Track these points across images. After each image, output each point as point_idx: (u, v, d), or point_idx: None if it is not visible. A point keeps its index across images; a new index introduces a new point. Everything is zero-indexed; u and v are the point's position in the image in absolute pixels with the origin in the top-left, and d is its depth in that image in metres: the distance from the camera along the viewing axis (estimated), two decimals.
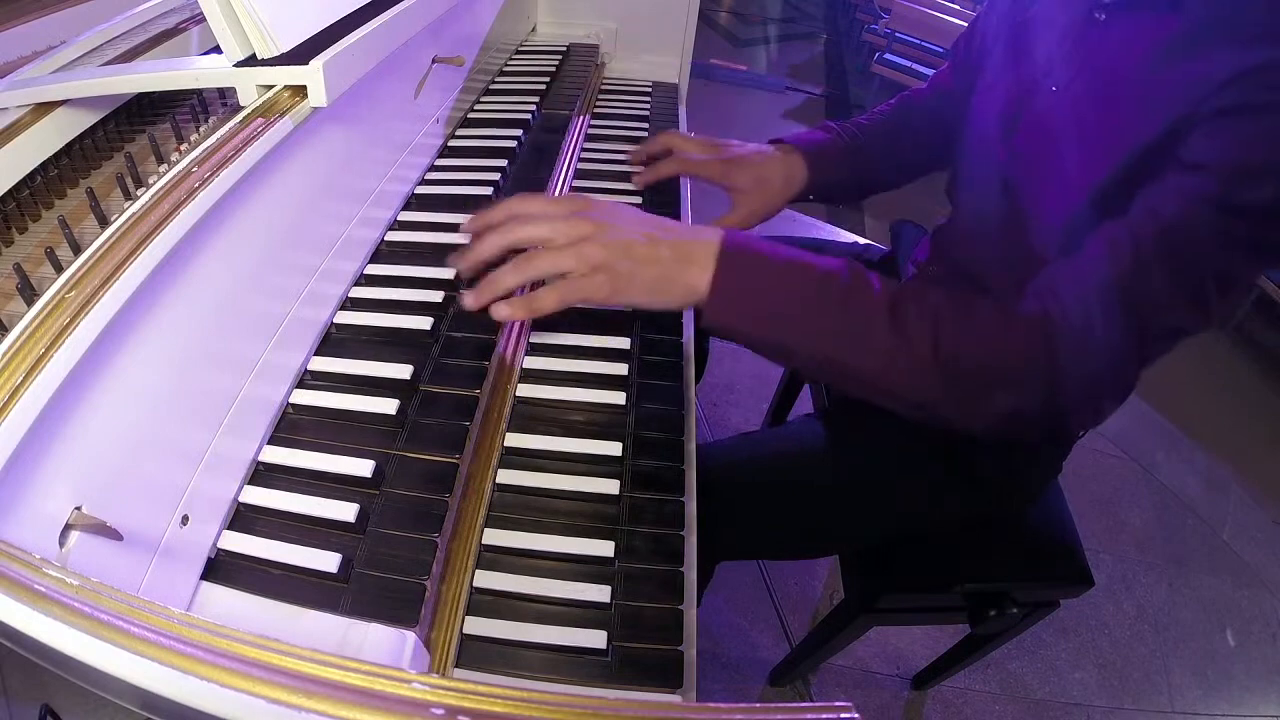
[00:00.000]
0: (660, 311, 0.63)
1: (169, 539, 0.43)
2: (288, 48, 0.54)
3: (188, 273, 0.45)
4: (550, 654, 0.46)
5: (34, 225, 0.52)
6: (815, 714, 0.26)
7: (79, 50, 0.62)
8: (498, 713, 0.25)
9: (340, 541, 0.47)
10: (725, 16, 4.94)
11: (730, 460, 0.81)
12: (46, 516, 0.35)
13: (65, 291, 0.37)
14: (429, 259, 0.70)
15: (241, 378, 0.51)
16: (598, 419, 0.61)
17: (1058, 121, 0.66)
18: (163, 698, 0.25)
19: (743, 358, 1.84)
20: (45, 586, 0.27)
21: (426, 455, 0.53)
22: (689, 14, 1.21)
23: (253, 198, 0.51)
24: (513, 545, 0.51)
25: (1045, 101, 0.67)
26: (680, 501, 0.55)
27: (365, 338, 0.62)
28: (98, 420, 0.38)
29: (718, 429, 1.72)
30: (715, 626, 1.33)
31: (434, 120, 0.86)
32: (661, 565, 0.51)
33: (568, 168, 0.92)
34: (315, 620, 0.44)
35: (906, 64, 3.65)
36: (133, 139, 0.61)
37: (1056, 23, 0.68)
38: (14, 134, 0.52)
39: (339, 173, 0.63)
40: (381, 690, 0.25)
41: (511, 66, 1.14)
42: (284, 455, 0.52)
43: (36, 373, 0.33)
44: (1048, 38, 0.69)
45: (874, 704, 1.28)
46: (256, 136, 0.49)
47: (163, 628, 0.26)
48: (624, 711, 0.27)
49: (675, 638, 0.47)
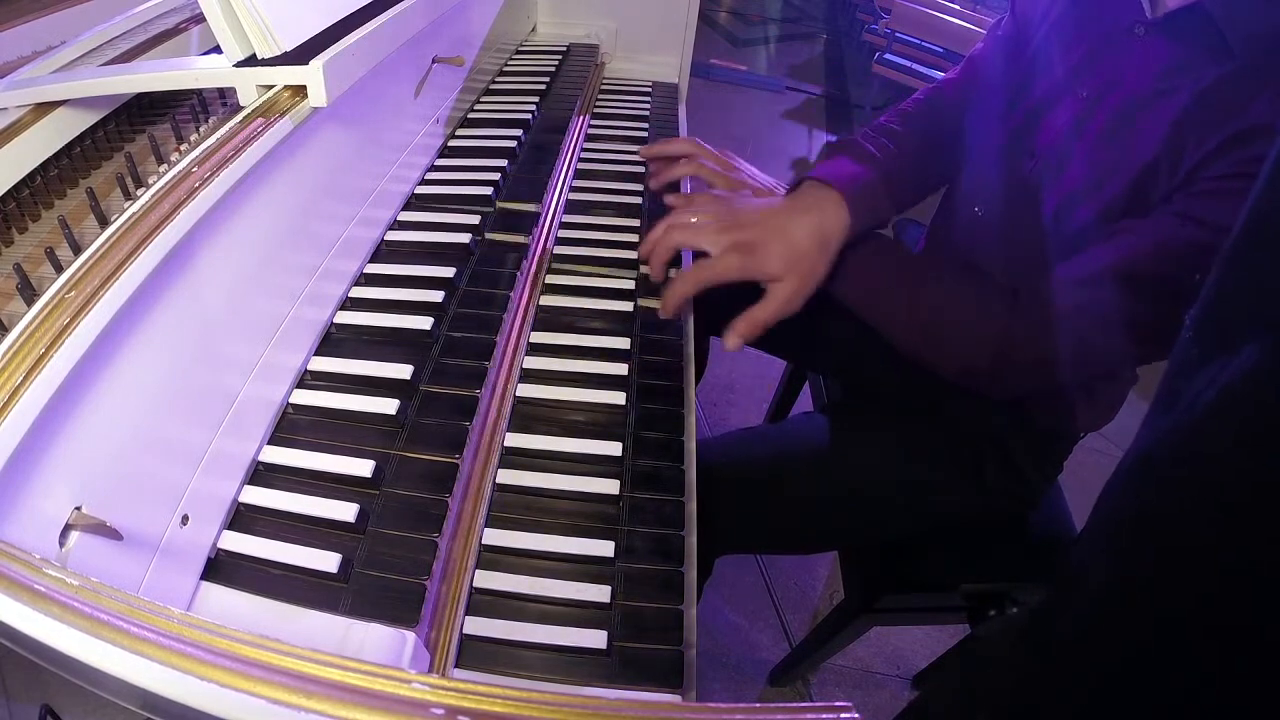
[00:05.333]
0: None
1: (169, 539, 0.43)
2: (290, 47, 0.54)
3: (187, 273, 0.45)
4: (550, 654, 0.46)
5: (34, 225, 0.52)
6: (815, 714, 0.26)
7: (79, 50, 0.62)
8: (498, 713, 0.25)
9: (340, 541, 0.47)
10: (725, 16, 4.94)
11: (731, 453, 0.81)
12: (46, 516, 0.35)
13: (65, 291, 0.37)
14: (429, 259, 0.70)
15: (241, 378, 0.51)
16: (598, 419, 0.61)
17: (1082, 128, 0.66)
18: (163, 698, 0.25)
19: (742, 358, 1.84)
20: (45, 586, 0.27)
21: (426, 455, 0.53)
22: (689, 14, 1.21)
23: (253, 198, 0.51)
24: (513, 545, 0.51)
25: (1072, 107, 0.67)
26: (680, 501, 0.55)
27: (365, 338, 0.62)
28: (98, 420, 0.38)
29: (718, 429, 1.72)
30: (715, 626, 1.33)
31: (434, 120, 0.86)
32: (661, 565, 0.51)
33: (568, 168, 0.92)
34: (315, 620, 0.44)
35: (907, 64, 3.64)
36: (133, 139, 0.61)
37: (1092, 30, 0.67)
38: (14, 134, 0.52)
39: (339, 172, 0.63)
40: (381, 690, 0.25)
41: (511, 66, 1.14)
42: (284, 455, 0.52)
43: (36, 373, 0.33)
44: (1081, 44, 0.68)
45: (874, 704, 1.28)
46: (256, 136, 0.49)
47: (163, 628, 0.26)
48: (624, 711, 0.27)
49: (675, 638, 0.47)
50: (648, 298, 0.73)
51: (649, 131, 1.06)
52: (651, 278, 0.71)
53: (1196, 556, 0.32)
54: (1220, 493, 0.30)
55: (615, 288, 0.73)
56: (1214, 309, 0.32)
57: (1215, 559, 0.31)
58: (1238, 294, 0.31)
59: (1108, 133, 0.63)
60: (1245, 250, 0.31)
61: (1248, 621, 0.30)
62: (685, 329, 0.71)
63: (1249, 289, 0.31)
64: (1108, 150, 0.63)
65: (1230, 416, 0.29)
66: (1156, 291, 0.58)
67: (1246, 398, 0.28)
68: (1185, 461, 0.32)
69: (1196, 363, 0.31)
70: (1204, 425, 0.30)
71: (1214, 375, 0.30)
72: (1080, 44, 0.68)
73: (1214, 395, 0.29)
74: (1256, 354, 0.28)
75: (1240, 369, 0.28)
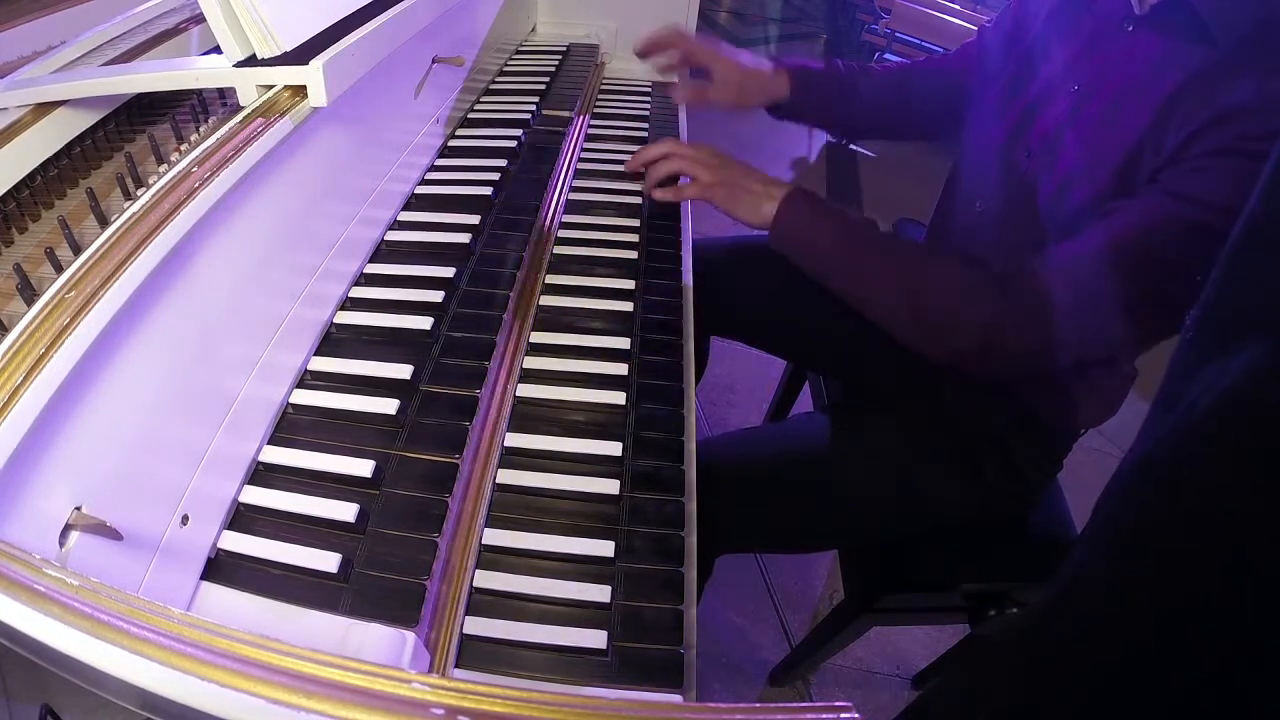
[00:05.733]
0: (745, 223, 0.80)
1: (169, 539, 0.43)
2: (290, 47, 0.54)
3: (187, 273, 0.45)
4: (550, 654, 0.46)
5: (34, 225, 0.52)
6: (815, 714, 0.26)
7: (79, 50, 0.62)
8: (498, 713, 0.25)
9: (340, 541, 0.47)
10: (725, 16, 4.94)
11: (731, 453, 0.81)
12: (46, 516, 0.35)
13: (65, 291, 0.37)
14: (429, 259, 0.70)
15: (241, 378, 0.51)
16: (598, 419, 0.61)
17: (1074, 121, 0.68)
18: (163, 698, 0.25)
19: (742, 358, 1.84)
20: (45, 586, 0.27)
21: (426, 455, 0.53)
22: (689, 14, 1.21)
23: (253, 198, 0.51)
24: (513, 545, 0.51)
25: (1064, 101, 0.69)
26: (680, 501, 0.55)
27: (365, 338, 0.62)
28: (98, 420, 0.38)
29: (718, 429, 1.72)
30: (715, 626, 1.33)
31: (434, 120, 0.86)
32: (662, 565, 0.51)
33: (567, 168, 0.92)
34: (315, 620, 0.44)
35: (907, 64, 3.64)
36: (133, 139, 0.61)
37: (1083, 26, 0.70)
38: (14, 134, 0.52)
39: (339, 172, 0.63)
40: (381, 690, 0.25)
41: (511, 66, 1.14)
42: (284, 455, 0.52)
43: (36, 373, 0.33)
44: (1071, 40, 0.70)
45: (874, 704, 1.28)
46: (256, 137, 0.49)
47: (163, 628, 0.26)
48: (624, 711, 0.27)
49: (675, 638, 0.47)
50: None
51: (649, 131, 1.06)
52: (644, 188, 0.87)
53: (1196, 557, 0.32)
54: (1219, 494, 0.30)
55: (615, 288, 0.73)
56: (1213, 311, 0.33)
57: (1214, 559, 0.31)
58: (1237, 296, 0.32)
59: (1098, 121, 0.65)
60: (1244, 253, 0.31)
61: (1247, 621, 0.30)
62: (685, 329, 0.71)
63: (1248, 291, 0.31)
64: (1098, 137, 0.65)
65: (1229, 418, 0.29)
66: (1146, 267, 0.60)
67: (1245, 399, 0.29)
68: (1185, 463, 0.32)
69: (1196, 364, 0.32)
70: (1203, 426, 0.31)
71: (1213, 377, 0.30)
72: (1071, 42, 0.70)
73: (1213, 397, 0.30)
74: (1255, 356, 0.28)
75: (1239, 371, 0.28)
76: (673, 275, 0.79)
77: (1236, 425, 0.29)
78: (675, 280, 0.78)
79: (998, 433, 0.79)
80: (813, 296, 0.79)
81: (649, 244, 0.82)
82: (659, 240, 0.83)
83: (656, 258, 0.81)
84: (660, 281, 0.77)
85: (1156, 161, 0.60)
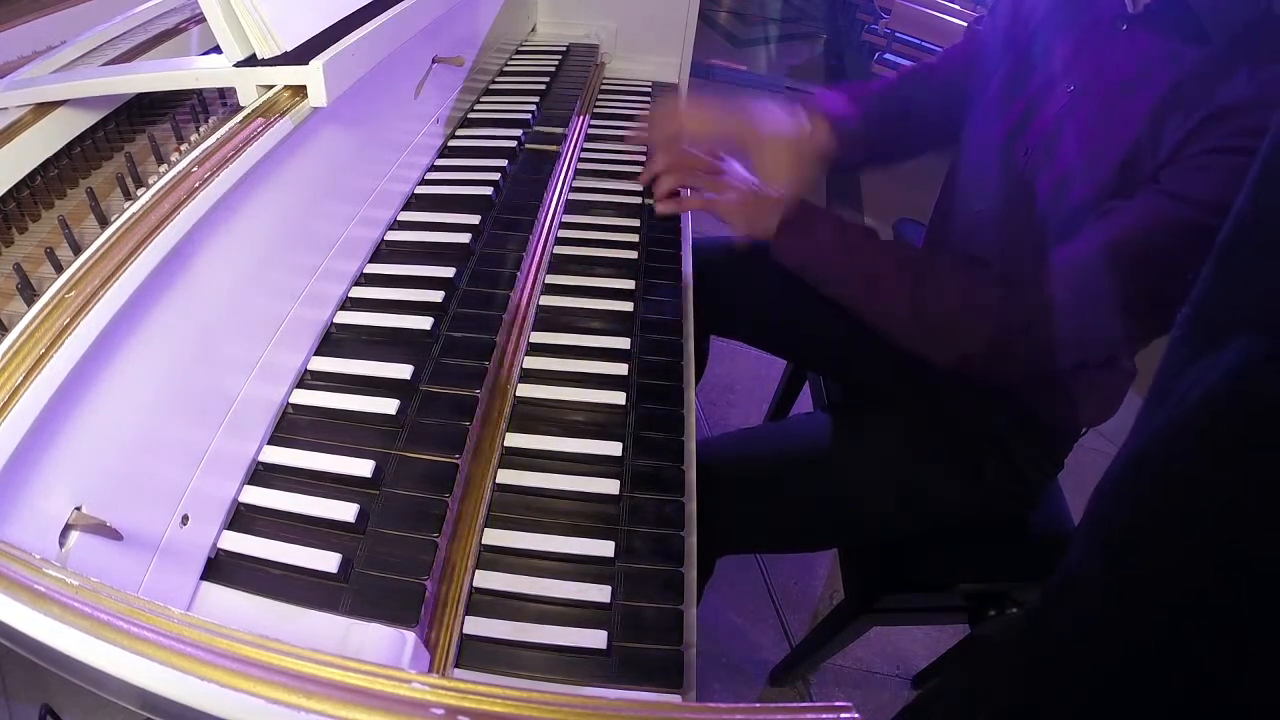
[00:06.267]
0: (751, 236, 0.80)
1: (169, 539, 0.43)
2: (290, 47, 0.54)
3: (187, 273, 0.45)
4: (550, 654, 0.46)
5: (34, 225, 0.52)
6: (815, 714, 0.26)
7: (79, 50, 0.62)
8: (498, 713, 0.25)
9: (340, 541, 0.47)
10: (725, 16, 4.94)
11: (731, 453, 0.81)
12: (46, 516, 0.35)
13: (65, 291, 0.37)
14: (429, 259, 0.70)
15: (241, 378, 0.51)
16: (598, 419, 0.61)
17: (1071, 120, 0.68)
18: (163, 698, 0.25)
19: (742, 358, 1.84)
20: (45, 586, 0.27)
21: (426, 455, 0.53)
22: (689, 14, 1.21)
23: (253, 198, 0.51)
24: (513, 545, 0.51)
25: (1060, 101, 0.69)
26: (680, 501, 0.55)
27: (365, 338, 0.62)
28: (98, 420, 0.38)
29: (718, 429, 1.71)
30: (715, 626, 1.33)
31: (434, 120, 0.86)
32: (661, 565, 0.51)
33: (567, 168, 0.92)
34: (315, 620, 0.44)
35: (907, 64, 3.64)
36: (133, 139, 0.61)
37: (1077, 26, 0.70)
38: (14, 134, 0.52)
39: (339, 172, 0.63)
40: (381, 690, 0.25)
41: (511, 66, 1.14)
42: (284, 455, 0.52)
43: (36, 373, 0.33)
44: (1066, 40, 0.70)
45: (874, 704, 1.28)
46: (256, 137, 0.49)
47: (163, 628, 0.26)
48: (624, 711, 0.27)
49: (675, 638, 0.47)
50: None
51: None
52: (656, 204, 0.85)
53: (1190, 552, 0.32)
54: (1212, 487, 0.30)
55: (615, 287, 0.73)
56: (1203, 309, 0.33)
57: (1209, 554, 0.31)
58: (1226, 294, 0.32)
59: (1094, 121, 0.66)
60: (1232, 252, 0.31)
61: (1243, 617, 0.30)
62: (685, 328, 0.71)
63: (1237, 289, 0.31)
64: (1095, 137, 0.65)
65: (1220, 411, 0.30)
66: (1145, 266, 0.60)
67: (1236, 392, 0.29)
68: (1177, 457, 0.32)
69: (1187, 361, 0.32)
70: (1194, 420, 0.31)
71: (1202, 372, 0.30)
72: (1066, 42, 0.70)
73: (1201, 392, 0.30)
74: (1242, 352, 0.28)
75: (1229, 365, 0.29)
76: (673, 275, 0.79)
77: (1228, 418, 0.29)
78: (675, 280, 0.78)
79: (998, 432, 0.79)
80: (813, 296, 0.79)
81: (649, 244, 0.82)
82: (659, 240, 0.83)
83: (656, 257, 0.81)
84: (660, 281, 0.77)
85: (1155, 160, 0.60)
